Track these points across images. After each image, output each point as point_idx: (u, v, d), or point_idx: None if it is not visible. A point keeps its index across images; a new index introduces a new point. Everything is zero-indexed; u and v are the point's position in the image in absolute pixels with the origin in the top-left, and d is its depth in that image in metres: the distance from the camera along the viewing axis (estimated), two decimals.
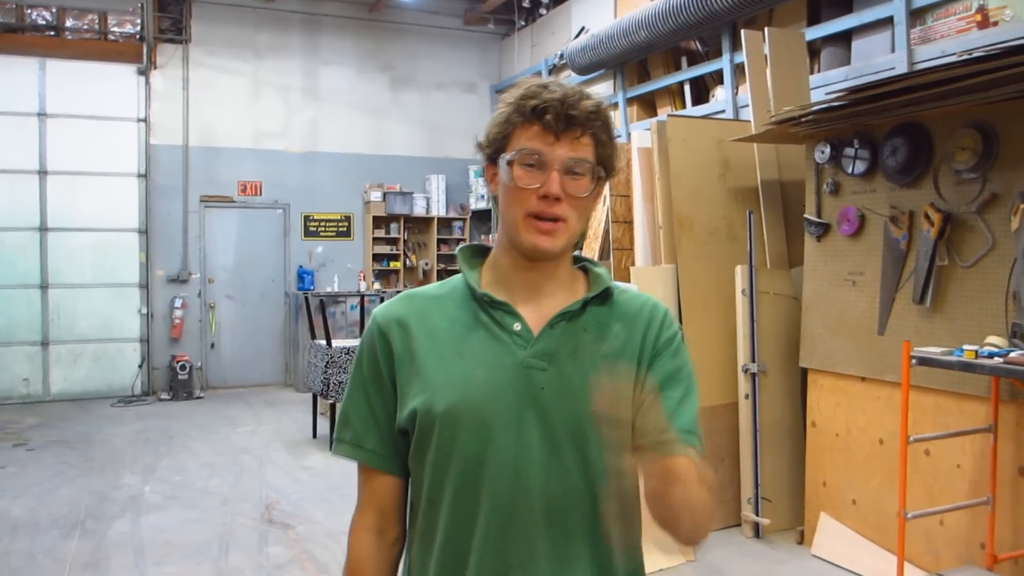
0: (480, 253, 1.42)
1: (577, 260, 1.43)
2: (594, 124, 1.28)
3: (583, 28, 8.99)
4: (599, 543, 1.27)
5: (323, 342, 7.29)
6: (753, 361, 4.95)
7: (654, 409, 1.24)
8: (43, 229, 9.54)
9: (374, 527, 1.34)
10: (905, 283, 4.32)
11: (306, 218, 10.61)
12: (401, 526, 1.37)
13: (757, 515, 4.85)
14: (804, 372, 4.97)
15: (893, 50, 5.39)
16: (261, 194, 10.39)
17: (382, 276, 10.94)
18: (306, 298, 8.55)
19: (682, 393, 1.31)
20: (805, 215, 4.86)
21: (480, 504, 1.25)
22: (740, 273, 5.05)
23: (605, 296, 1.35)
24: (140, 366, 9.91)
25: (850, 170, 4.55)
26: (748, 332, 4.97)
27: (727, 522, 4.98)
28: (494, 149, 1.31)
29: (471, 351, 1.29)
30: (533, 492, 1.24)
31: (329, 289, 10.27)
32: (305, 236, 10.62)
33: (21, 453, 7.23)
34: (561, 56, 9.16)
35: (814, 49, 6.06)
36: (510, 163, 1.27)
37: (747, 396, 4.95)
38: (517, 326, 1.29)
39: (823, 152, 4.68)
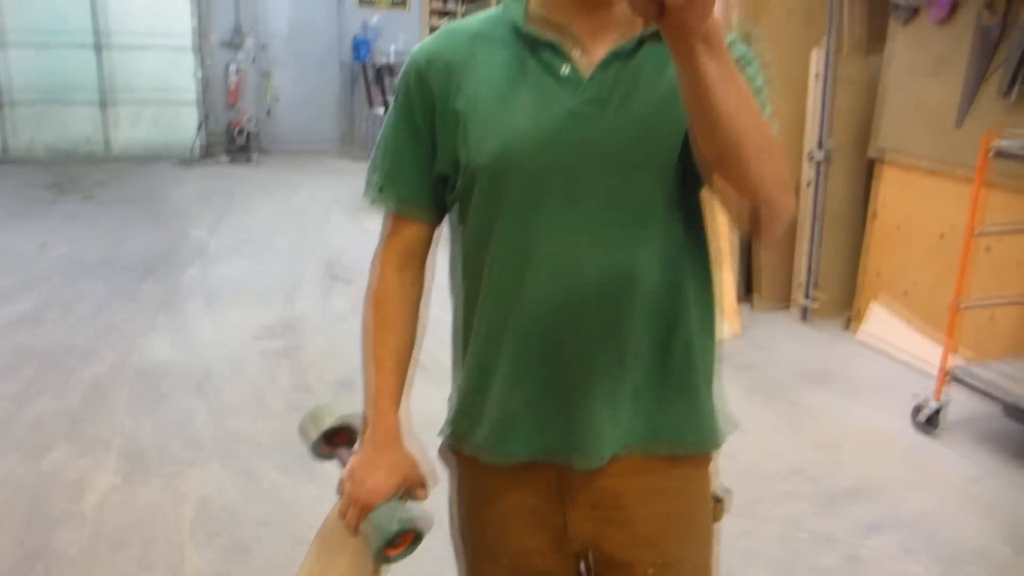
0: None
1: None
2: None
3: None
4: (657, 286, 1.15)
5: (381, 110, 7.26)
6: (820, 148, 4.85)
7: None
8: None
9: (395, 264, 1.27)
10: (992, 74, 4.11)
11: None
12: (421, 268, 1.29)
13: (807, 299, 4.94)
14: (871, 162, 4.88)
15: None
16: None
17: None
18: (363, 67, 8.43)
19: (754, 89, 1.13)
20: None
21: (527, 265, 1.14)
22: (815, 57, 4.84)
23: None
24: (198, 129, 10.00)
25: None
26: (818, 118, 4.84)
27: (776, 304, 5.09)
28: None
29: (515, 98, 1.14)
30: (585, 248, 1.13)
31: (385, 60, 10.08)
32: (360, 4, 10.30)
33: (91, 206, 7.50)
34: None
35: None
36: None
37: (810, 183, 4.90)
38: (566, 69, 1.13)
39: None
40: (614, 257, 1.13)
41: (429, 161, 1.22)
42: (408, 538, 1.15)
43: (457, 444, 1.27)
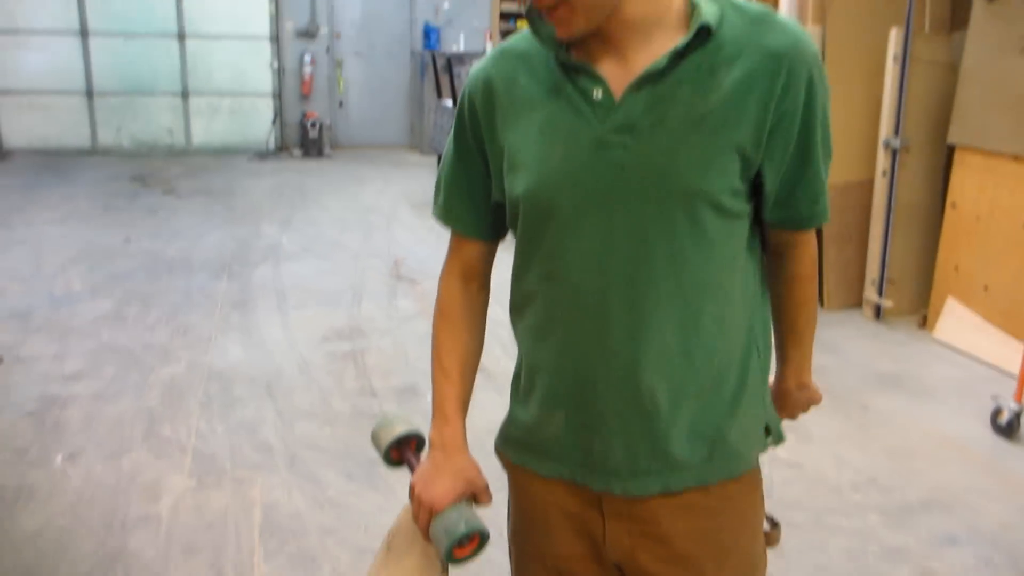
0: None
1: None
2: None
3: None
4: (688, 321, 1.13)
5: (449, 102, 7.28)
6: (896, 135, 4.68)
7: (791, 174, 1.13)
8: None
9: (459, 276, 1.32)
10: None
11: None
12: (484, 280, 1.35)
13: (880, 297, 4.79)
14: (950, 150, 4.68)
15: None
16: None
17: (509, 35, 10.62)
18: (432, 57, 8.48)
19: (819, 154, 1.14)
20: None
21: (563, 292, 1.16)
22: (894, 37, 4.66)
23: (704, 36, 1.07)
24: (273, 122, 10.21)
25: None
26: (895, 103, 4.67)
27: (848, 303, 4.94)
28: None
29: (551, 125, 1.12)
30: (616, 284, 1.12)
31: (455, 48, 10.09)
32: None
33: (171, 200, 7.75)
34: None
35: None
36: None
37: (885, 173, 4.73)
38: (598, 93, 1.09)
39: None
40: (641, 303, 1.12)
41: (484, 186, 1.25)
42: (475, 540, 1.20)
43: (506, 450, 1.32)
